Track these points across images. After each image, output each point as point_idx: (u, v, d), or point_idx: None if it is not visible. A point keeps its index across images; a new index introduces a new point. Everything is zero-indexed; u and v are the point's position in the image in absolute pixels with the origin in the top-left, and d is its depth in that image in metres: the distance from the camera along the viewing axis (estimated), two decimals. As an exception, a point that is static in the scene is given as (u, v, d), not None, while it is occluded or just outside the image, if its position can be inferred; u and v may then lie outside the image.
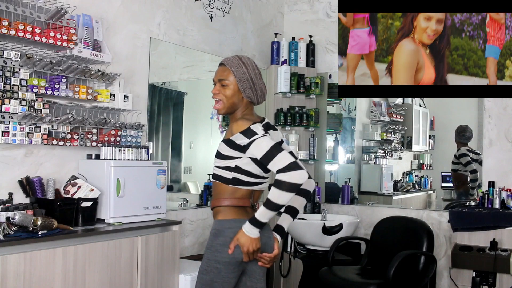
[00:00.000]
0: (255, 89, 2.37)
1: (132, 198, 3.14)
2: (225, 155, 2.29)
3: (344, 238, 4.17)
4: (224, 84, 2.35)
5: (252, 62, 2.42)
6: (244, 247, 2.23)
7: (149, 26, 3.79)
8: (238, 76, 2.34)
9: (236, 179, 2.30)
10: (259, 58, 4.91)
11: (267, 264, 2.34)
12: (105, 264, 2.83)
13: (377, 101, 5.56)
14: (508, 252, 3.67)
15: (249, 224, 2.22)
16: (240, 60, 2.39)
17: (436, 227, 4.33)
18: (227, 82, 2.34)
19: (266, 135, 2.24)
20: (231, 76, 2.35)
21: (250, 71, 2.36)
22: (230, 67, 2.36)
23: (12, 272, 2.41)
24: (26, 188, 2.90)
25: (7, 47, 2.80)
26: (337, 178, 5.27)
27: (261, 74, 2.43)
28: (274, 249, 2.36)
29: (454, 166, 4.98)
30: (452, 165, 4.98)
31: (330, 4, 5.03)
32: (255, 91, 2.37)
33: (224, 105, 2.37)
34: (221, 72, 2.38)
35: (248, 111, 2.41)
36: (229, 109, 2.38)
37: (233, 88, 2.35)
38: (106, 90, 3.25)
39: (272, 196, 2.16)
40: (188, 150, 4.66)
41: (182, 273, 3.31)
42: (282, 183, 2.13)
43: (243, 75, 2.34)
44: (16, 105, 2.79)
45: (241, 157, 2.27)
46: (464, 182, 4.91)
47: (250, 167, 2.29)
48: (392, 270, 3.44)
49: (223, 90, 2.35)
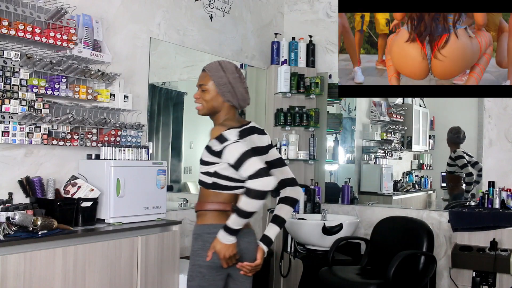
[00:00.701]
0: (234, 92, 2.40)
1: (132, 198, 3.14)
2: (205, 160, 2.35)
3: (344, 238, 4.17)
4: (204, 89, 2.42)
5: (233, 66, 2.45)
6: (220, 254, 2.27)
7: (149, 26, 3.79)
8: (216, 81, 2.39)
9: (216, 184, 2.34)
10: (259, 58, 4.91)
11: (248, 273, 2.37)
12: (105, 264, 2.83)
13: (377, 101, 5.56)
14: (508, 252, 3.67)
15: (223, 231, 2.27)
16: (219, 64, 2.43)
17: (436, 227, 4.33)
18: (206, 87, 2.41)
19: (238, 141, 2.27)
20: (209, 81, 2.40)
21: (229, 75, 2.39)
22: (208, 72, 2.41)
23: (12, 272, 2.41)
24: (26, 188, 2.90)
25: (7, 47, 2.80)
26: (337, 178, 5.27)
27: (243, 79, 2.46)
28: (256, 258, 2.38)
29: (449, 168, 4.98)
30: (448, 167, 4.99)
31: (330, 4, 5.03)
32: (235, 95, 2.41)
33: (204, 107, 2.44)
34: (201, 78, 2.45)
35: (230, 115, 2.44)
36: (208, 111, 2.44)
37: (211, 93, 2.40)
38: (106, 90, 3.25)
39: (241, 204, 2.21)
40: (188, 150, 4.67)
41: (182, 273, 3.31)
42: (250, 191, 2.18)
43: (220, 79, 2.38)
44: (16, 105, 2.79)
45: (219, 162, 2.31)
46: (459, 184, 4.92)
47: (228, 172, 2.31)
48: (392, 270, 3.44)
49: (203, 94, 2.42)
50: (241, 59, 4.73)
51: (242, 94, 2.43)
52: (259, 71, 4.93)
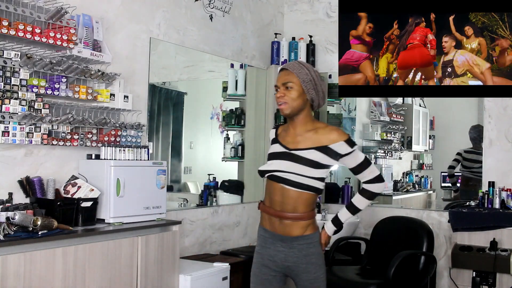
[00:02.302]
0: (317, 90, 2.40)
1: (132, 198, 3.14)
2: (322, 164, 2.36)
3: (344, 238, 4.17)
4: (290, 86, 2.37)
5: (312, 65, 2.58)
6: (326, 244, 2.52)
7: (149, 26, 3.79)
8: (302, 78, 2.36)
9: (322, 190, 2.45)
10: (259, 58, 4.91)
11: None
12: (105, 264, 2.83)
13: (377, 101, 5.56)
14: (508, 252, 3.67)
15: (331, 223, 2.48)
16: (300, 63, 2.43)
17: (436, 227, 4.33)
18: (292, 85, 2.37)
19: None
20: (295, 78, 2.37)
21: (312, 73, 2.39)
22: (292, 70, 2.38)
23: (12, 272, 2.41)
24: (26, 188, 2.90)
25: (7, 47, 2.80)
26: (337, 178, 5.27)
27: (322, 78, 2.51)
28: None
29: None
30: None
31: (330, 4, 5.03)
32: (318, 93, 2.41)
33: (289, 106, 2.38)
34: (284, 76, 2.40)
35: (311, 116, 2.46)
36: (294, 109, 2.39)
37: (298, 90, 2.37)
38: (106, 90, 3.25)
39: (357, 202, 2.46)
40: (188, 150, 4.67)
41: (182, 273, 3.31)
42: (367, 191, 2.44)
43: (306, 76, 2.37)
44: (16, 105, 2.79)
45: (333, 165, 2.42)
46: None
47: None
48: (392, 270, 3.44)
49: (288, 92, 2.38)
50: (241, 59, 4.73)
51: (324, 92, 2.44)
52: (259, 71, 4.93)
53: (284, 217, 2.37)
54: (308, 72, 2.36)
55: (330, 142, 2.35)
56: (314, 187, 2.36)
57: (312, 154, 2.34)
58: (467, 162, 4.88)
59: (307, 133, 2.40)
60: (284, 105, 2.37)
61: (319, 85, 2.39)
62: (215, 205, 4.43)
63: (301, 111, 2.39)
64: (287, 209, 2.36)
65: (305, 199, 2.36)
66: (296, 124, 2.42)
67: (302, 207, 2.36)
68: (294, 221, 2.36)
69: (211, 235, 4.33)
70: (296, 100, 2.36)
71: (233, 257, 4.07)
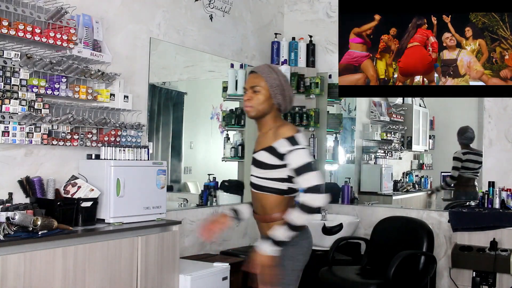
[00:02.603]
0: (285, 95, 2.40)
1: (132, 198, 3.14)
2: (269, 164, 2.32)
3: (344, 238, 4.17)
4: (257, 90, 2.39)
5: (281, 69, 2.49)
6: (264, 264, 2.32)
7: (149, 26, 3.79)
8: (269, 82, 2.37)
9: (292, 189, 2.35)
10: (259, 58, 4.91)
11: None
12: (105, 264, 2.83)
13: (377, 101, 5.56)
14: (508, 252, 3.67)
15: (271, 243, 2.29)
16: (269, 67, 2.44)
17: (436, 227, 4.33)
18: (259, 88, 2.38)
19: (305, 148, 2.30)
20: (262, 81, 2.38)
21: (281, 77, 2.40)
22: (261, 73, 2.39)
23: (12, 272, 2.41)
24: (26, 188, 2.90)
25: (7, 47, 2.80)
26: (337, 178, 5.27)
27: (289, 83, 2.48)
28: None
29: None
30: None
31: (330, 4, 5.03)
32: (285, 98, 2.41)
33: (255, 109, 2.39)
34: (252, 79, 2.42)
35: (279, 119, 2.45)
36: (259, 112, 2.40)
37: (265, 94, 2.38)
38: (106, 90, 3.25)
39: (294, 217, 2.25)
40: (188, 150, 4.67)
41: (182, 273, 3.31)
42: (304, 205, 2.23)
43: (274, 81, 2.38)
44: (16, 105, 2.79)
45: (285, 165, 2.30)
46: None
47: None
48: (392, 270, 3.44)
49: (255, 96, 2.39)
50: (241, 59, 4.73)
51: (291, 97, 2.44)
52: (259, 71, 4.92)
53: (263, 220, 2.42)
54: (277, 77, 2.38)
55: (274, 140, 2.33)
56: (274, 188, 2.34)
57: (261, 156, 2.36)
58: (467, 163, 4.89)
59: (266, 134, 2.41)
60: (250, 108, 2.40)
61: (286, 90, 2.41)
62: (215, 205, 4.43)
63: (266, 114, 2.41)
64: (263, 212, 2.41)
65: (272, 201, 2.37)
66: (261, 127, 2.46)
67: (272, 209, 2.38)
68: (270, 222, 2.38)
69: (211, 235, 4.32)
70: (262, 104, 2.38)
71: (233, 257, 4.07)
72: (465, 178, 4.90)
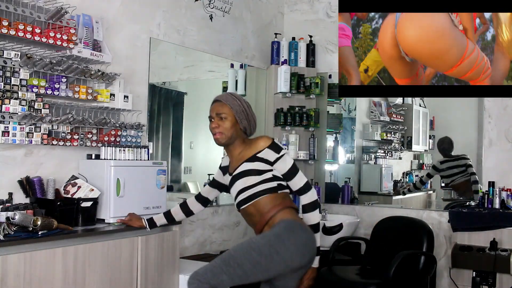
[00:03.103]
0: (249, 120, 2.59)
1: (132, 198, 3.14)
2: (259, 170, 2.53)
3: (344, 238, 4.17)
4: (223, 116, 2.56)
5: (242, 96, 2.69)
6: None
7: (149, 26, 3.79)
8: (234, 108, 2.55)
9: (281, 185, 2.57)
10: (259, 58, 4.91)
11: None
12: (105, 264, 2.83)
13: (377, 101, 5.56)
14: (508, 252, 3.67)
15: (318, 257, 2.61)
16: (232, 94, 2.63)
17: (436, 227, 4.33)
18: (225, 115, 2.56)
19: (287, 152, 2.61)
20: (227, 109, 2.56)
21: (243, 103, 2.58)
22: (225, 101, 2.57)
23: (12, 272, 2.40)
24: (26, 188, 2.90)
25: (7, 47, 2.80)
26: (337, 178, 5.27)
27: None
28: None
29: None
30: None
31: (330, 4, 5.03)
32: (250, 122, 2.60)
33: (224, 136, 2.56)
34: (217, 107, 2.59)
35: (246, 140, 2.63)
36: (229, 139, 2.57)
37: (231, 120, 2.56)
38: (106, 90, 3.25)
39: (313, 219, 2.60)
40: (188, 150, 4.67)
41: (182, 273, 3.31)
42: (310, 204, 2.58)
43: (238, 107, 2.55)
44: (16, 105, 2.79)
45: (272, 169, 2.54)
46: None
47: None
48: (392, 270, 3.44)
49: (222, 123, 2.56)
50: (241, 59, 4.73)
51: (255, 121, 2.64)
52: (259, 71, 4.93)
53: (263, 223, 2.54)
54: (240, 104, 2.57)
55: (256, 150, 2.53)
56: (265, 189, 2.52)
57: (246, 166, 2.54)
58: (448, 171, 4.96)
59: (240, 154, 2.59)
60: (220, 135, 2.57)
61: (250, 115, 2.60)
62: (215, 205, 4.43)
63: (235, 139, 2.58)
64: (261, 218, 2.53)
65: (266, 202, 2.52)
66: (232, 152, 2.63)
67: (268, 209, 2.52)
68: (269, 220, 2.52)
69: (211, 235, 4.33)
70: (230, 130, 2.55)
71: (233, 257, 4.07)
72: (463, 182, 4.90)
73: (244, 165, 2.54)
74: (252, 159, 2.53)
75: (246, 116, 2.57)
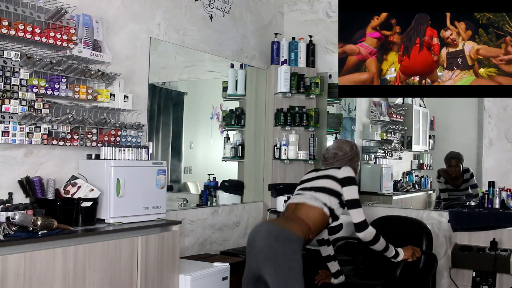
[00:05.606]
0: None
1: (132, 198, 3.14)
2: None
3: (344, 238, 4.17)
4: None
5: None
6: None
7: (149, 26, 3.79)
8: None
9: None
10: (259, 58, 4.91)
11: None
12: (105, 264, 2.83)
13: (377, 101, 5.56)
14: (508, 252, 3.67)
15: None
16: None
17: (436, 227, 4.33)
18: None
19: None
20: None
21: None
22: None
23: (12, 272, 2.41)
24: (26, 188, 2.90)
25: (7, 47, 2.80)
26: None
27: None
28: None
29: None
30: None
31: (330, 4, 5.03)
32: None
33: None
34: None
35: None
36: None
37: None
38: (106, 90, 3.25)
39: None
40: (188, 150, 4.67)
41: (182, 273, 3.31)
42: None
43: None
44: (16, 105, 2.79)
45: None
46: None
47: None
48: (399, 270, 3.42)
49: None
50: (241, 59, 4.73)
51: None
52: (259, 71, 4.93)
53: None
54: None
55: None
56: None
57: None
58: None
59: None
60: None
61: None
62: (215, 205, 4.43)
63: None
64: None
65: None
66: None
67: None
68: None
69: (211, 235, 4.33)
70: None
71: (233, 257, 4.07)
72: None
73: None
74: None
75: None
